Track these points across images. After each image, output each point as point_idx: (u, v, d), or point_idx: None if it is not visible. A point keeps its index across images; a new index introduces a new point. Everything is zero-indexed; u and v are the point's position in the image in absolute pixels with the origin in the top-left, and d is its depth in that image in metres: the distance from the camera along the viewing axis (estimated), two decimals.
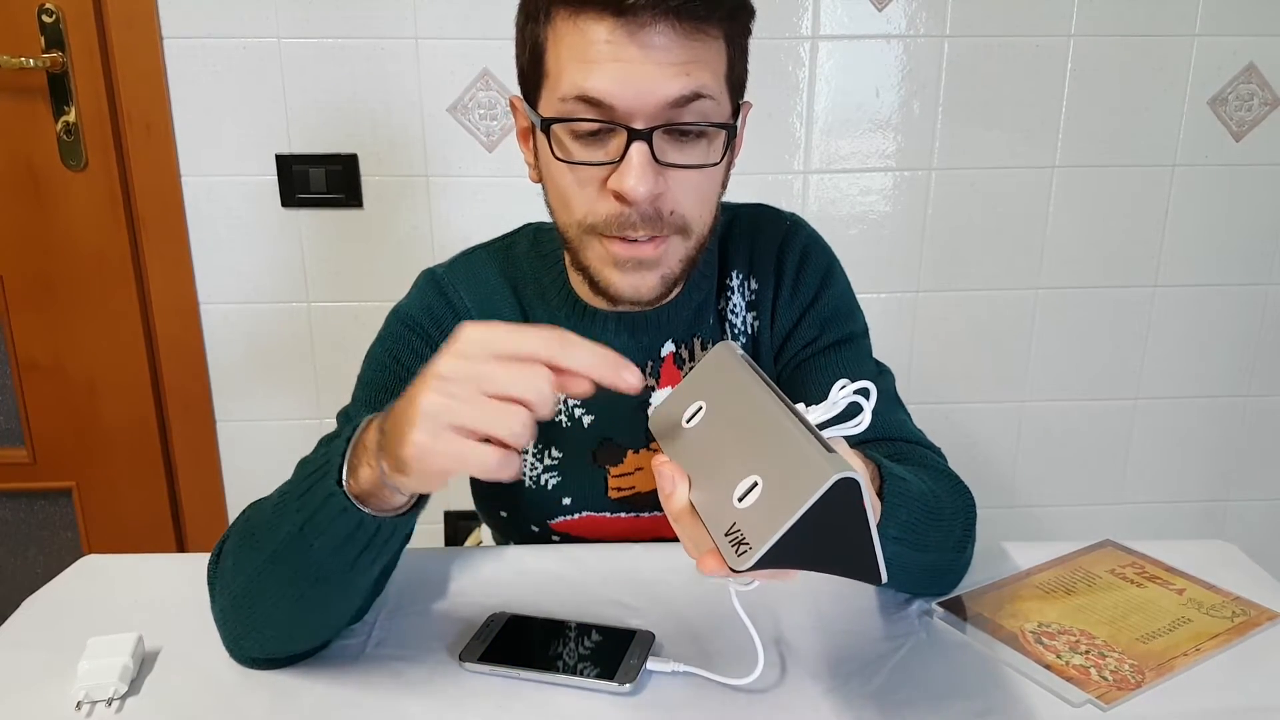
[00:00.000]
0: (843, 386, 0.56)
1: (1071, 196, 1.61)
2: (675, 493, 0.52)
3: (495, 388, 0.52)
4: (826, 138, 1.56)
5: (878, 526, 0.62)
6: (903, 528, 0.66)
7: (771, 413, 0.52)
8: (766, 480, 0.48)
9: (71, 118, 1.50)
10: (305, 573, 0.64)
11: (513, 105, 0.81)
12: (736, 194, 0.92)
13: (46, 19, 1.45)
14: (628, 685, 0.67)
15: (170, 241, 1.55)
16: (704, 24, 0.70)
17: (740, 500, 0.48)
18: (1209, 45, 1.55)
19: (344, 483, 0.60)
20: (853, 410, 0.54)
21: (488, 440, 0.52)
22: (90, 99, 1.49)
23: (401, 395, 0.57)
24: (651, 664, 0.69)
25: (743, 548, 0.47)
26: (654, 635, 0.73)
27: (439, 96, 1.51)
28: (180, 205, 1.54)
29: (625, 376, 0.54)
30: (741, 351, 0.59)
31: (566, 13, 0.70)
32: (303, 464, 0.66)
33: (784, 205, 0.94)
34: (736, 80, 0.76)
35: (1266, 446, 1.78)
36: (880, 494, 0.64)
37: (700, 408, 0.56)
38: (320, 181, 1.53)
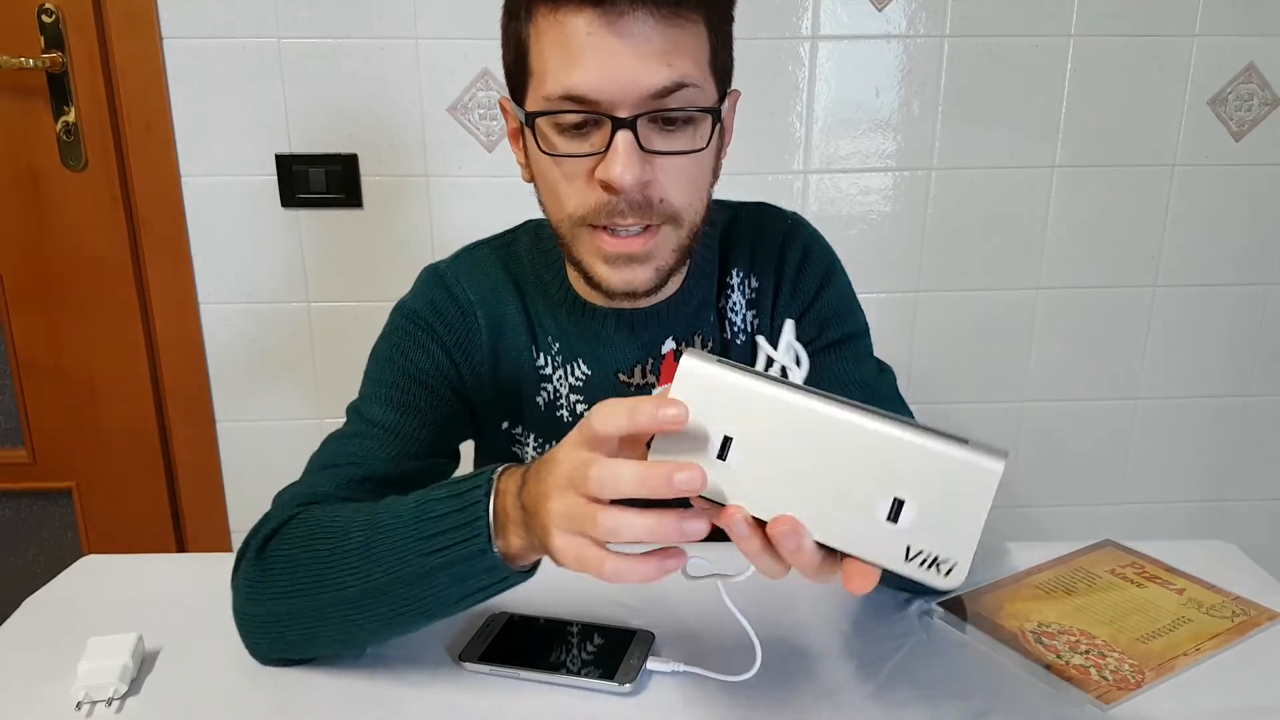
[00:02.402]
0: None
1: (1071, 196, 1.61)
2: (803, 544, 0.49)
3: (590, 491, 0.54)
4: (826, 138, 1.56)
5: None
6: None
7: (834, 416, 0.48)
8: (915, 494, 0.47)
9: (71, 118, 1.50)
10: (413, 608, 0.65)
11: (502, 106, 0.81)
12: (736, 193, 0.93)
13: (46, 19, 1.45)
14: (628, 685, 0.67)
15: (170, 241, 1.55)
16: (682, 10, 0.70)
17: (893, 520, 0.47)
18: (1209, 45, 1.55)
19: (495, 544, 0.61)
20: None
21: None
22: (90, 99, 1.49)
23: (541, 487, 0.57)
24: (651, 664, 0.69)
25: (945, 565, 0.46)
26: (654, 635, 0.73)
27: (439, 96, 1.51)
28: (180, 205, 1.54)
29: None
30: (709, 355, 0.52)
31: (546, 8, 0.70)
32: (424, 503, 0.64)
33: (784, 205, 0.94)
34: (721, 68, 0.76)
35: (1266, 446, 1.78)
36: None
37: (726, 439, 0.50)
38: (320, 181, 1.53)
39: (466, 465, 0.84)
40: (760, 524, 0.50)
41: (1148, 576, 0.85)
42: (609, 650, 0.71)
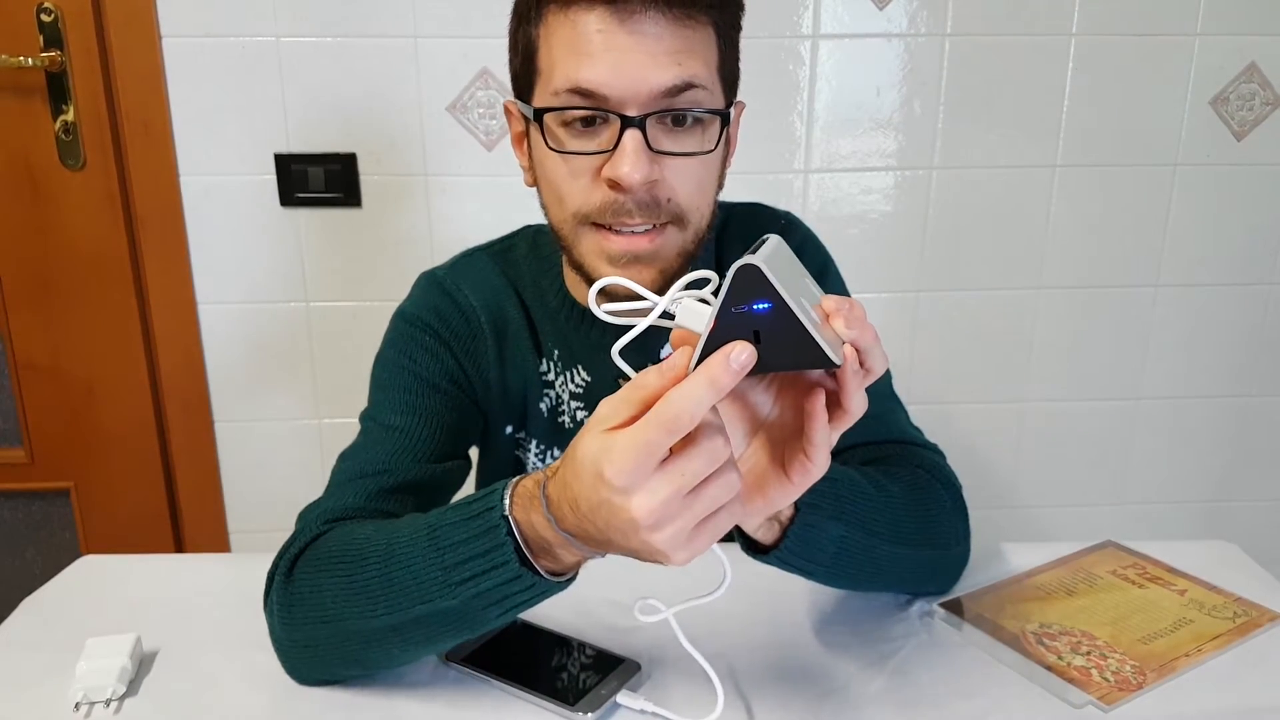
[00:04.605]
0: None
1: (1073, 196, 1.61)
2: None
3: (691, 481, 0.50)
4: (827, 137, 1.56)
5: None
6: (848, 524, 0.68)
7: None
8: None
9: (70, 117, 1.50)
10: (452, 628, 0.64)
11: (507, 110, 0.81)
12: (736, 193, 0.92)
13: (45, 18, 1.45)
14: (589, 715, 0.66)
15: (169, 241, 1.55)
16: (693, 11, 0.70)
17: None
18: (1210, 44, 1.55)
19: (537, 569, 0.59)
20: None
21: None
22: (89, 98, 1.49)
23: (579, 510, 0.53)
24: (623, 697, 0.68)
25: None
26: (639, 666, 0.71)
27: (438, 95, 1.50)
28: (179, 205, 1.53)
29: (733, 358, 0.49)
30: (753, 257, 0.50)
31: (557, 7, 0.70)
32: (438, 531, 0.62)
33: (784, 205, 0.94)
34: (728, 75, 0.76)
35: (1267, 446, 1.78)
36: (792, 521, 0.65)
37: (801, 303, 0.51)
38: (319, 181, 1.53)
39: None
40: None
41: (1149, 577, 0.84)
42: (589, 674, 0.70)
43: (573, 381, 0.88)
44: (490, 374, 0.87)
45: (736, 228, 0.90)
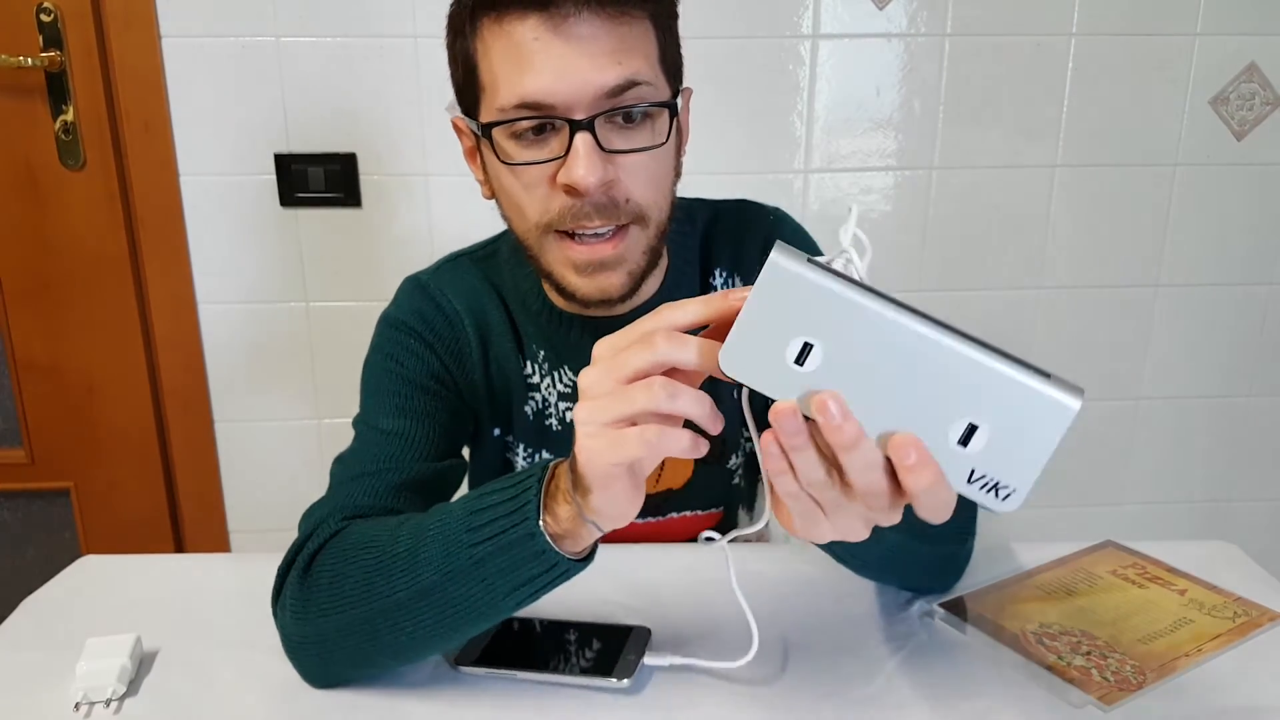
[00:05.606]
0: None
1: (1073, 196, 1.61)
2: (924, 457, 0.45)
3: (625, 372, 0.52)
4: (827, 137, 1.56)
5: None
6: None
7: (922, 334, 0.46)
8: (988, 420, 0.45)
9: (70, 117, 1.50)
10: (462, 608, 0.63)
11: (455, 126, 0.81)
12: (738, 193, 0.92)
13: (45, 18, 1.45)
14: (626, 681, 0.67)
15: (168, 241, 1.55)
16: (627, 8, 0.69)
17: (963, 444, 0.46)
18: (1210, 44, 1.55)
19: (543, 523, 0.59)
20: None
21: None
22: (88, 98, 1.49)
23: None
24: (648, 659, 0.69)
25: (1005, 491, 0.46)
26: (650, 631, 0.72)
27: (438, 95, 1.50)
28: (179, 204, 1.53)
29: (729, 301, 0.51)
30: (799, 253, 0.47)
31: (491, 19, 0.70)
32: (475, 498, 0.63)
33: (784, 204, 0.94)
34: (671, 64, 0.76)
35: (1267, 446, 1.78)
36: None
37: (808, 346, 0.47)
38: (319, 181, 1.53)
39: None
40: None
41: (1149, 577, 0.84)
42: (606, 648, 0.71)
43: (560, 383, 0.88)
44: (475, 375, 0.87)
45: (725, 226, 0.90)
